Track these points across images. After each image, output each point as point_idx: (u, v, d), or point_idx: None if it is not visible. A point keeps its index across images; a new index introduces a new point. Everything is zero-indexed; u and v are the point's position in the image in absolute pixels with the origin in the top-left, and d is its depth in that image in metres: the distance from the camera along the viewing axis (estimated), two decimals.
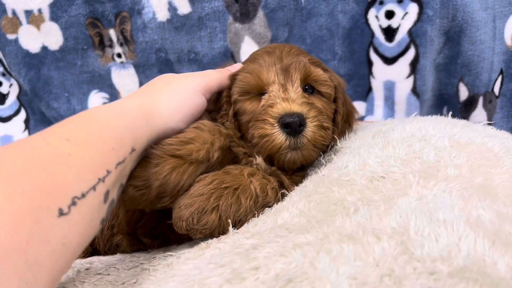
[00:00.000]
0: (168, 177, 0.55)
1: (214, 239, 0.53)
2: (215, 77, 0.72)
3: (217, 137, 0.61)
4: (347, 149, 0.66)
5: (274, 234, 0.46)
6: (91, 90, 1.22)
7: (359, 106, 1.17)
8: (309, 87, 0.72)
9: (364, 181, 0.54)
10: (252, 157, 0.66)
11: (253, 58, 0.75)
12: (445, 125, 0.64)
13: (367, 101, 1.16)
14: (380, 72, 1.11)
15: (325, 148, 0.70)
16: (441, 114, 1.12)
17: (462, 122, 0.66)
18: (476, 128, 0.63)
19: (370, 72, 1.13)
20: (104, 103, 1.23)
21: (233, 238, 0.50)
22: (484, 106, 1.10)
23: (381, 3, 1.06)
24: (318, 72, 0.72)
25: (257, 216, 0.56)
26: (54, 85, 1.20)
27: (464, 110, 1.12)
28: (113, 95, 1.23)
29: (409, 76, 1.08)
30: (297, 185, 0.65)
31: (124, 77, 1.21)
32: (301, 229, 0.46)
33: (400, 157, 0.56)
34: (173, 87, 0.64)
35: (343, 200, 0.51)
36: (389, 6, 1.05)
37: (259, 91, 0.71)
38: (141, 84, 1.21)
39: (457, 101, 1.11)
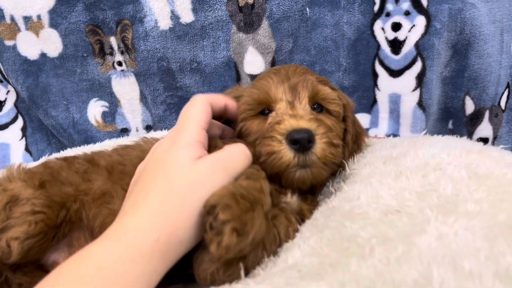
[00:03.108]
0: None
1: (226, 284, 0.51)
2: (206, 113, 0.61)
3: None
4: (357, 176, 0.64)
5: (285, 280, 0.44)
6: (90, 98, 1.20)
7: (364, 118, 1.15)
8: (317, 106, 0.70)
9: (378, 215, 0.53)
10: (283, 194, 0.64)
11: (258, 78, 0.74)
12: (460, 151, 0.62)
13: (372, 113, 1.15)
14: (386, 84, 1.09)
15: (335, 167, 0.68)
16: (447, 127, 1.13)
17: (478, 147, 0.64)
18: (494, 155, 0.61)
19: (375, 84, 1.11)
20: (104, 111, 1.21)
21: (243, 282, 0.48)
22: (490, 120, 1.09)
23: (388, 14, 1.04)
24: (326, 90, 0.70)
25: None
26: (53, 92, 1.18)
27: (469, 124, 1.10)
28: (113, 103, 1.21)
29: (415, 89, 1.07)
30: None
31: (124, 85, 1.18)
32: (313, 273, 0.44)
33: (415, 190, 0.54)
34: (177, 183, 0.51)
35: (357, 237, 0.50)
36: (396, 18, 1.03)
37: (266, 108, 0.69)
38: (141, 93, 1.19)
39: (463, 115, 1.10)
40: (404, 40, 1.04)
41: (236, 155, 0.57)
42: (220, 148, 0.57)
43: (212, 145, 0.61)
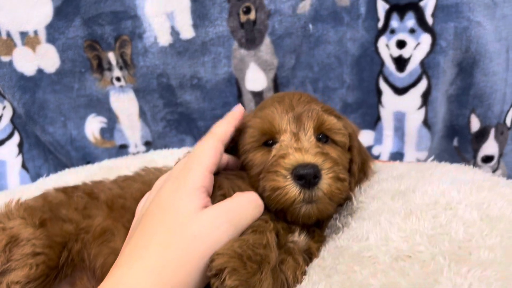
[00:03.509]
0: None
1: None
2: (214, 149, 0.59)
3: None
4: (365, 211, 0.62)
5: None
6: (88, 114, 1.18)
7: (368, 135, 1.14)
8: (323, 136, 0.68)
9: (388, 260, 0.51)
10: (291, 232, 0.62)
11: (262, 106, 0.71)
12: (470, 187, 0.60)
13: (376, 130, 1.13)
14: (390, 102, 1.08)
15: (342, 201, 0.67)
16: (452, 144, 1.11)
17: (488, 183, 0.62)
18: (505, 193, 0.59)
19: (379, 101, 1.10)
20: (102, 127, 1.19)
21: None
22: (496, 137, 1.07)
23: (392, 31, 1.02)
24: (332, 120, 0.68)
25: None
26: (50, 109, 1.15)
27: (475, 142, 1.08)
28: (111, 119, 1.18)
29: (420, 107, 1.05)
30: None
31: (123, 101, 1.16)
32: None
33: (426, 233, 0.52)
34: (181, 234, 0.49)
35: (368, 285, 0.48)
36: (401, 36, 1.01)
37: (270, 139, 0.67)
38: (141, 109, 1.16)
39: (468, 132, 1.08)
40: (409, 58, 1.02)
41: (245, 207, 0.55)
42: (225, 192, 0.56)
43: (216, 185, 0.59)
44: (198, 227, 0.49)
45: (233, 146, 0.70)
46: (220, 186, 0.59)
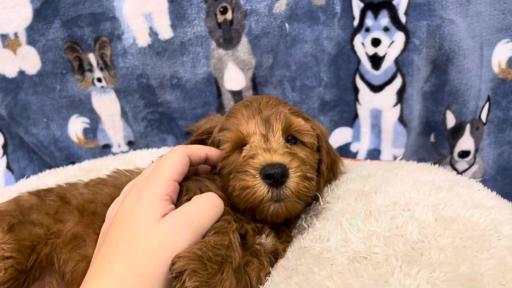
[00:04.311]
0: None
1: None
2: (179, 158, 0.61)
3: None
4: (329, 212, 0.64)
5: None
6: (71, 115, 1.19)
7: (346, 132, 1.16)
8: (291, 138, 0.70)
9: (346, 261, 0.53)
10: (259, 233, 0.64)
11: (230, 113, 0.73)
12: (430, 188, 0.62)
13: (354, 127, 1.15)
14: (367, 99, 1.09)
15: (309, 200, 0.68)
16: (429, 141, 1.13)
17: (448, 183, 0.64)
18: (463, 193, 0.61)
19: (356, 99, 1.11)
20: (85, 128, 1.20)
21: None
22: (471, 133, 1.09)
23: (367, 30, 1.03)
24: (299, 122, 0.70)
25: None
26: (32, 110, 1.17)
27: (451, 137, 1.10)
28: (94, 119, 1.20)
29: (396, 104, 1.06)
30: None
31: (105, 101, 1.17)
32: None
33: (382, 234, 0.54)
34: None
35: (323, 287, 0.50)
36: (375, 34, 1.03)
37: (241, 144, 0.69)
38: (122, 109, 1.18)
39: (444, 129, 1.10)
40: (384, 56, 1.03)
41: (204, 208, 0.56)
42: (191, 195, 0.57)
43: (184, 189, 0.61)
44: (158, 237, 0.50)
45: None
46: (188, 189, 0.61)
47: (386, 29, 1.01)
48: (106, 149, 1.23)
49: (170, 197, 0.57)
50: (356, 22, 1.04)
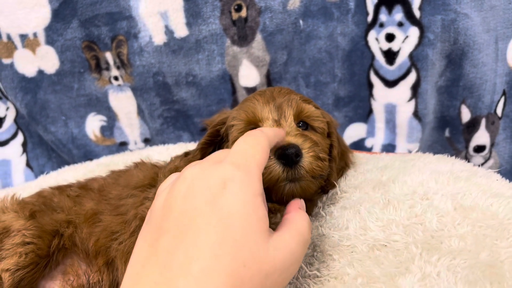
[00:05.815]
0: None
1: None
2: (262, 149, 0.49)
3: None
4: (347, 201, 0.65)
5: None
6: (88, 113, 1.21)
7: (360, 128, 1.16)
8: (302, 124, 0.72)
9: (365, 248, 0.54)
10: (274, 214, 0.65)
11: (245, 100, 0.75)
12: (448, 177, 0.62)
13: (368, 123, 1.15)
14: (381, 94, 1.10)
15: (323, 181, 0.69)
16: (444, 135, 1.13)
17: (466, 173, 0.64)
18: (481, 183, 0.61)
19: (370, 94, 1.12)
20: (102, 125, 1.22)
21: None
22: (487, 127, 1.09)
23: (381, 25, 1.04)
24: (310, 108, 0.72)
25: None
26: (51, 108, 1.19)
27: (466, 132, 1.10)
28: (111, 117, 1.22)
29: (410, 99, 1.07)
30: None
31: (121, 100, 1.19)
32: None
33: (402, 223, 0.55)
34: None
35: (344, 275, 0.51)
36: (390, 29, 1.03)
37: (254, 127, 0.70)
38: (139, 107, 1.20)
39: (459, 123, 1.09)
40: (398, 51, 1.04)
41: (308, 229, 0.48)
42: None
43: None
44: (273, 262, 0.39)
45: (220, 139, 0.74)
46: None
47: (400, 24, 1.02)
48: (122, 146, 1.25)
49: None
50: (370, 18, 1.05)
